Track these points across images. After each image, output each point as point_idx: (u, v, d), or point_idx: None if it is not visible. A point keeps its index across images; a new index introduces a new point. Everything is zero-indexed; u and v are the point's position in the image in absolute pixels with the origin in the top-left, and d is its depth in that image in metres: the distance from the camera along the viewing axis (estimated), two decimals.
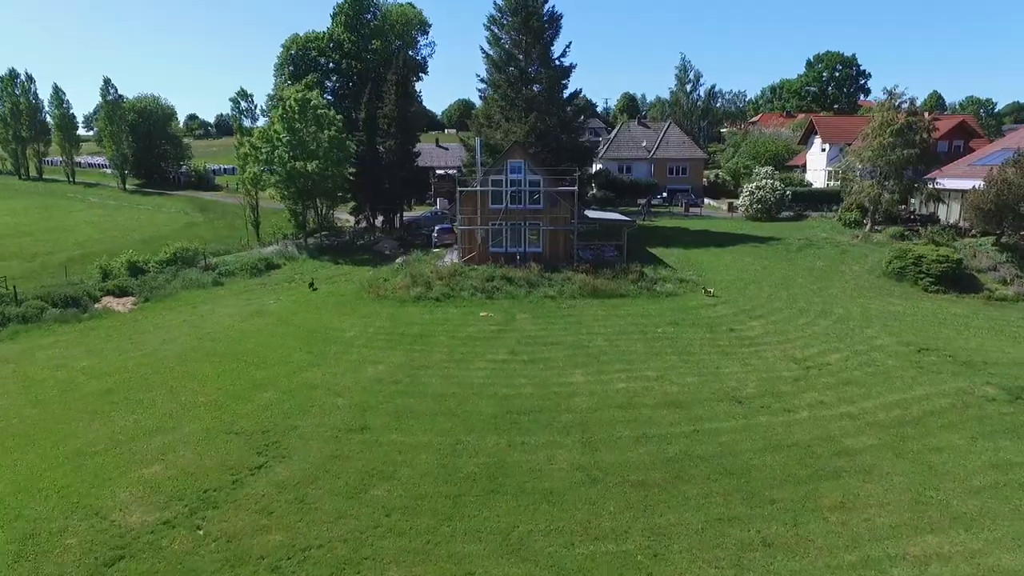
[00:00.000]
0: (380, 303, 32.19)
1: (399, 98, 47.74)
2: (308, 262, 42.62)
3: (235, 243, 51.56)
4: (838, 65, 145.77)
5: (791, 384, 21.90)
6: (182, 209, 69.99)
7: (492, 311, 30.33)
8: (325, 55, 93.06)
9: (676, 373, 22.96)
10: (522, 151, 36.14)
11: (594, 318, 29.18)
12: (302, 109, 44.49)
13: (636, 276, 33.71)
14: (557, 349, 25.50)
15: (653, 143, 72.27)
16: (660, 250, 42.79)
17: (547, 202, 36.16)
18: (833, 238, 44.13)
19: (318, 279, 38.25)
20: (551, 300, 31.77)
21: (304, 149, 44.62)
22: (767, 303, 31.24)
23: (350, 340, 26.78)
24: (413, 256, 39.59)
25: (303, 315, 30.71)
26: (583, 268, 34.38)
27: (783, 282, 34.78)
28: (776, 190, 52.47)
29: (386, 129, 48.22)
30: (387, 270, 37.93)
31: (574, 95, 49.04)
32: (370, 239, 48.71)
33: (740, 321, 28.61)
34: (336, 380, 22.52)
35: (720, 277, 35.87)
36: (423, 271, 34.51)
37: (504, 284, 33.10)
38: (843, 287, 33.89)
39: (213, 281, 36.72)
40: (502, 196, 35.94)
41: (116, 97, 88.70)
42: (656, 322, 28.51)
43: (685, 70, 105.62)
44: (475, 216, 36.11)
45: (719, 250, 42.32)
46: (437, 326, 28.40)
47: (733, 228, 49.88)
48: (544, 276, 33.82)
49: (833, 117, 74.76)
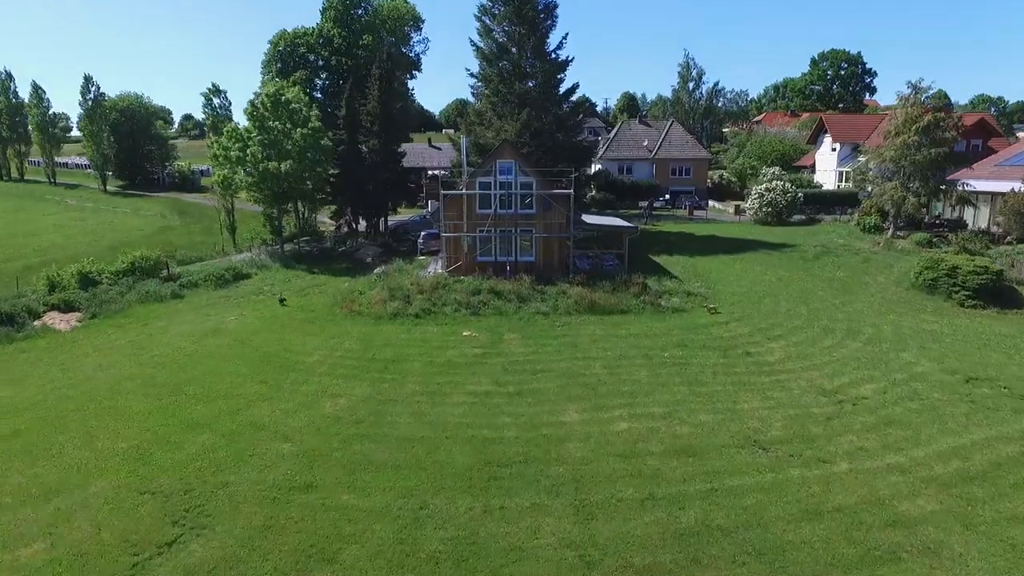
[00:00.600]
0: (353, 320, 28.82)
1: (382, 94, 44.37)
2: (281, 271, 39.24)
3: (209, 249, 48.24)
4: (843, 63, 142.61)
5: (823, 424, 18.53)
6: (160, 212, 66.63)
7: (477, 330, 26.96)
8: (314, 52, 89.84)
9: (687, 409, 19.60)
10: (512, 150, 32.78)
11: (591, 339, 25.80)
12: (275, 105, 41.11)
13: (638, 289, 30.33)
14: (548, 378, 22.13)
15: (655, 143, 68.91)
16: (664, 258, 39.40)
17: (540, 207, 32.81)
18: (852, 244, 40.72)
19: (290, 291, 34.89)
20: (543, 317, 28.39)
21: (278, 148, 41.25)
22: (786, 320, 27.85)
23: (312, 366, 23.40)
24: (393, 266, 36.23)
25: (264, 335, 27.33)
26: (579, 280, 31.00)
27: (802, 295, 31.38)
28: (787, 192, 49.11)
29: (369, 127, 44.84)
30: (364, 281, 34.54)
31: (571, 90, 45.65)
32: (352, 245, 45.33)
33: (757, 343, 25.23)
34: (287, 419, 19.14)
35: (731, 289, 32.49)
36: (402, 283, 31.13)
37: (492, 298, 29.72)
38: (869, 301, 30.49)
39: (172, 293, 33.35)
40: (490, 200, 32.59)
41: (97, 95, 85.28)
42: (662, 344, 25.13)
43: (688, 67, 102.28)
44: (461, 222, 32.75)
45: (728, 258, 38.92)
46: (413, 349, 25.02)
47: (742, 233, 46.49)
48: (536, 289, 30.44)
49: (844, 115, 71.54)
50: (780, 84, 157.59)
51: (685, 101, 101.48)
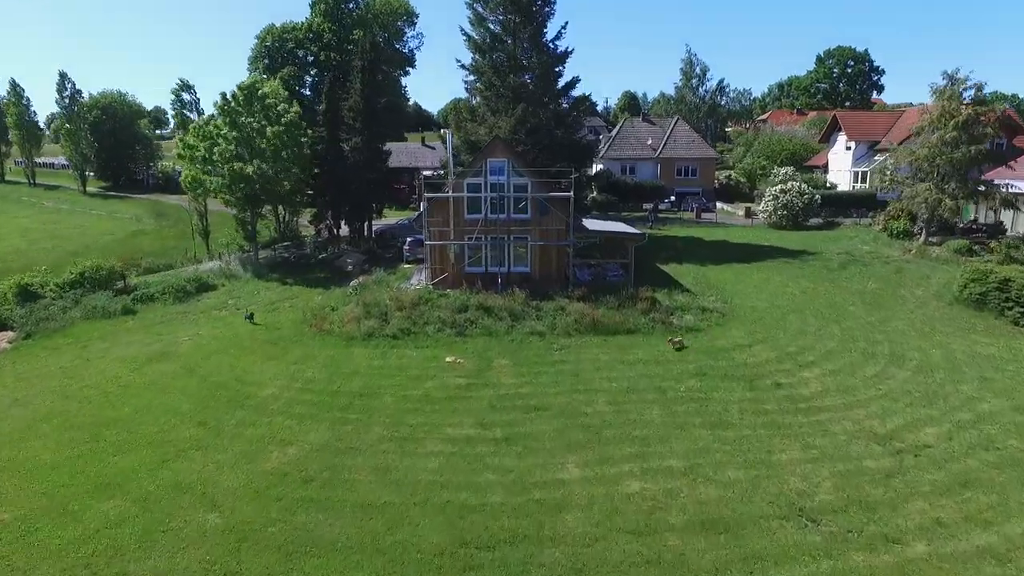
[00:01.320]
0: (322, 341, 25.22)
1: (365, 88, 40.79)
2: (251, 282, 35.65)
3: (180, 256, 44.68)
4: (850, 61, 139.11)
5: (882, 484, 14.96)
6: (136, 215, 63.03)
7: (462, 354, 23.38)
8: (303, 47, 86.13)
9: (711, 461, 16.04)
10: (505, 148, 29.21)
11: (594, 365, 22.21)
12: (248, 100, 37.53)
13: (647, 305, 26.73)
14: (544, 418, 18.54)
15: (659, 141, 65.33)
16: (672, 267, 35.80)
17: (536, 211, 29.24)
18: (879, 252, 37.13)
19: (258, 304, 31.29)
20: (539, 338, 24.78)
21: (250, 147, 37.70)
22: (817, 342, 24.25)
23: (264, 402, 19.81)
24: (373, 276, 32.62)
25: (218, 359, 23.73)
26: (580, 294, 27.41)
27: (831, 311, 27.78)
28: (803, 194, 45.51)
29: (351, 124, 41.27)
30: (340, 294, 30.96)
31: (570, 84, 41.98)
32: (332, 252, 41.76)
33: (787, 371, 21.63)
34: (220, 476, 15.56)
35: (750, 303, 28.90)
36: (379, 299, 27.53)
37: (481, 316, 26.13)
38: (908, 318, 26.89)
39: (124, 309, 29.75)
40: (480, 204, 29.02)
41: (74, 92, 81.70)
42: (676, 372, 21.54)
43: (691, 64, 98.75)
44: (447, 229, 29.17)
45: (744, 267, 35.33)
46: (387, 378, 21.42)
47: (756, 238, 42.89)
48: (531, 305, 26.84)
49: (859, 112, 68.02)
50: (785, 82, 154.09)
51: (689, 99, 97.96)
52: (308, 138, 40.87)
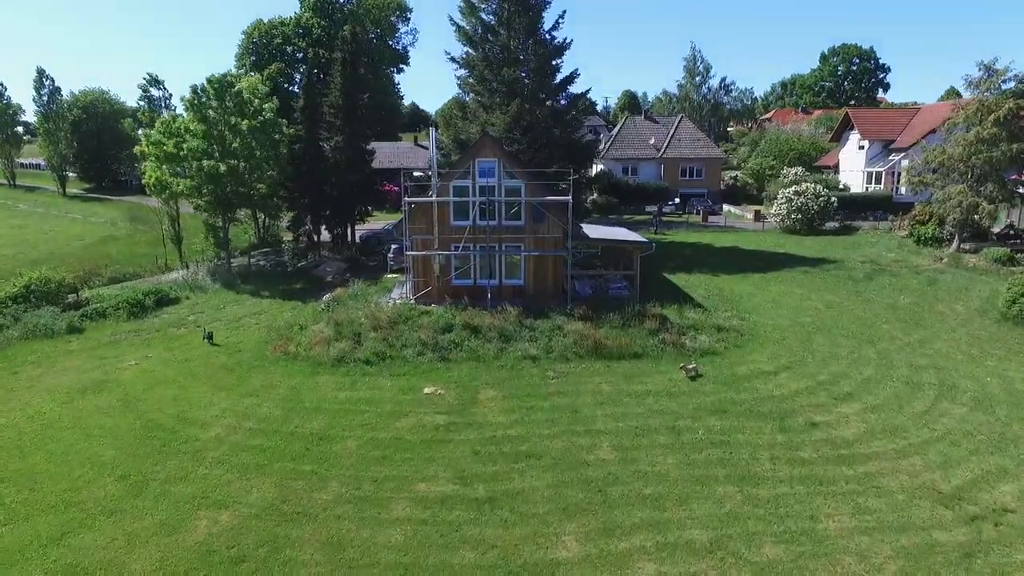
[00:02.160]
0: (285, 367, 22.08)
1: (346, 82, 37.68)
2: (220, 294, 32.50)
3: (150, 264, 41.50)
4: (855, 59, 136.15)
5: (962, 568, 11.85)
6: (113, 218, 59.81)
7: (444, 384, 20.26)
8: (291, 43, 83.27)
9: (743, 533, 12.93)
10: (495, 146, 26.09)
11: (596, 398, 19.10)
12: (219, 94, 34.40)
13: (655, 324, 23.60)
14: (536, 469, 15.44)
15: (662, 141, 62.29)
16: (681, 277, 32.71)
17: (531, 217, 26.12)
18: (906, 260, 34.02)
19: (222, 321, 28.19)
20: (533, 364, 21.66)
21: (221, 144, 34.60)
22: (852, 368, 21.13)
23: (205, 447, 16.68)
24: (350, 289, 29.45)
25: (162, 391, 20.57)
26: (580, 312, 24.27)
27: (863, 330, 24.66)
28: (819, 196, 42.42)
29: (331, 122, 38.15)
30: (311, 310, 27.81)
31: (569, 79, 38.85)
32: (312, 260, 38.64)
33: (822, 405, 18.52)
34: (130, 556, 12.44)
35: (770, 320, 25.80)
36: (353, 316, 24.39)
37: (467, 337, 22.99)
38: (952, 339, 23.78)
39: (69, 327, 26.60)
40: (468, 209, 25.91)
41: (52, 90, 78.54)
42: (692, 408, 18.42)
43: (695, 60, 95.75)
44: (431, 237, 26.05)
45: (759, 277, 32.22)
46: (354, 415, 18.30)
47: (769, 244, 39.81)
48: (524, 324, 23.71)
49: (873, 110, 64.97)
50: (788, 81, 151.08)
51: (692, 97, 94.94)
52: (284, 136, 37.79)
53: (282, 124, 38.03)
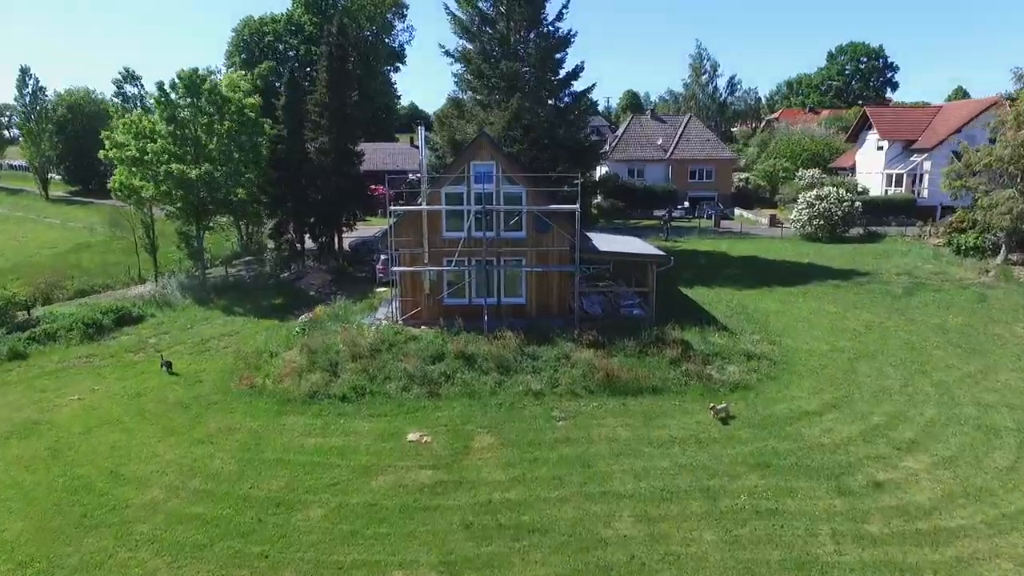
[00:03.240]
0: (248, 405, 19.05)
1: (333, 79, 34.68)
2: (190, 310, 29.47)
3: (123, 275, 38.45)
4: (863, 57, 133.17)
5: None
6: (92, 224, 56.77)
7: (432, 428, 17.25)
8: (283, 40, 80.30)
9: None
10: (492, 148, 23.08)
11: (612, 449, 16.07)
12: (191, 90, 31.39)
13: (677, 351, 20.53)
14: (542, 550, 12.42)
15: (670, 141, 59.32)
16: (699, 291, 29.69)
17: (533, 228, 23.10)
18: (947, 272, 30.96)
19: (188, 344, 25.18)
20: (536, 401, 18.63)
21: (195, 147, 31.61)
22: (909, 407, 18.07)
23: (134, 518, 13.64)
24: (332, 306, 26.39)
25: (100, 436, 17.54)
26: (590, 337, 21.21)
27: (913, 357, 21.60)
28: (843, 200, 39.38)
29: (317, 121, 35.16)
30: (286, 333, 24.76)
31: (574, 73, 35.78)
32: (295, 271, 35.63)
33: (883, 458, 15.47)
34: None
35: (805, 344, 22.74)
36: (330, 343, 21.34)
37: (460, 368, 19.96)
38: (1019, 368, 20.70)
39: (11, 352, 23.51)
40: (463, 219, 22.88)
41: (36, 89, 75.58)
42: (728, 461, 15.38)
43: (701, 59, 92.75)
44: (420, 251, 23.02)
45: (785, 291, 29.18)
46: (322, 471, 15.28)
47: (791, 253, 36.75)
48: (526, 352, 20.66)
49: (893, 108, 61.97)
50: (793, 80, 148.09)
51: (699, 96, 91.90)
52: (266, 136, 34.75)
53: (265, 124, 35.00)
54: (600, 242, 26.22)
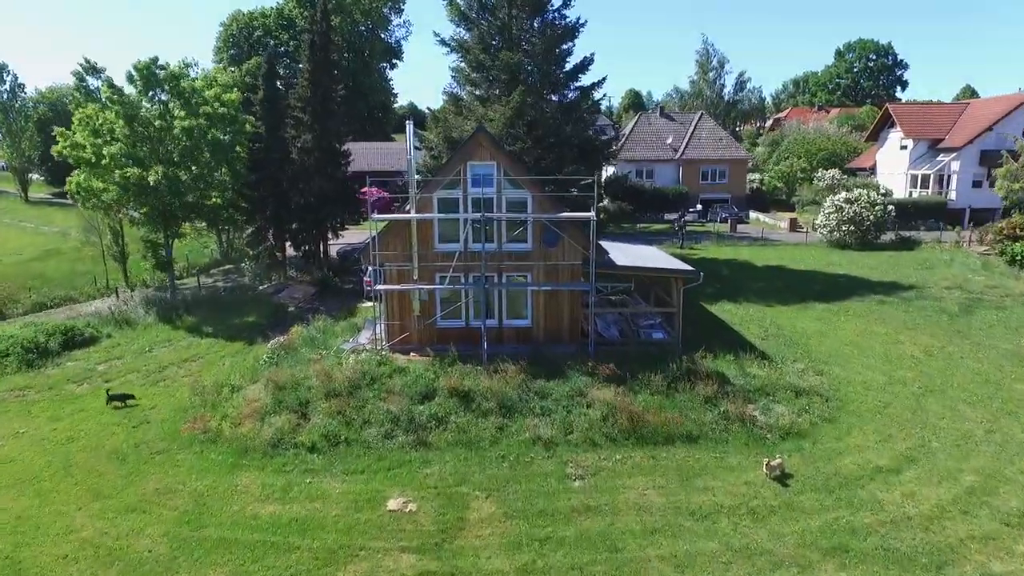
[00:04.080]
0: (198, 455, 15.75)
1: (316, 69, 31.36)
2: (151, 330, 26.13)
3: (89, 286, 35.09)
4: (872, 55, 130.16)
5: None
6: (67, 229, 53.48)
7: (419, 490, 13.95)
8: (273, 35, 76.94)
9: None
10: (492, 145, 19.77)
11: (644, 524, 12.75)
12: (148, 83, 28.10)
13: (712, 387, 17.22)
14: None
15: (681, 140, 56.03)
16: (726, 308, 26.40)
17: (541, 239, 19.78)
18: (1004, 286, 27.63)
19: (143, 372, 21.86)
20: (546, 452, 15.32)
21: (161, 147, 28.33)
22: (1001, 459, 14.75)
23: None
24: (309, 328, 23.04)
25: (7, 501, 14.18)
26: (607, 369, 17.86)
27: (989, 391, 18.29)
28: (875, 204, 36.09)
29: (299, 117, 31.85)
30: (253, 360, 21.40)
31: (582, 66, 32.46)
32: (275, 283, 32.32)
33: (988, 535, 12.17)
34: None
35: (858, 375, 19.44)
36: (301, 376, 18.02)
37: (454, 409, 16.66)
38: None
39: None
40: (458, 229, 19.58)
41: (14, 86, 72.29)
42: (793, 543, 12.07)
43: (708, 55, 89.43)
44: (409, 266, 19.73)
45: (824, 308, 25.87)
46: (275, 556, 11.96)
47: (821, 262, 33.44)
48: (532, 388, 17.36)
49: (917, 105, 58.70)
50: (800, 78, 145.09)
51: (706, 93, 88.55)
52: (245, 134, 31.45)
53: (244, 121, 31.67)
54: (615, 253, 22.86)
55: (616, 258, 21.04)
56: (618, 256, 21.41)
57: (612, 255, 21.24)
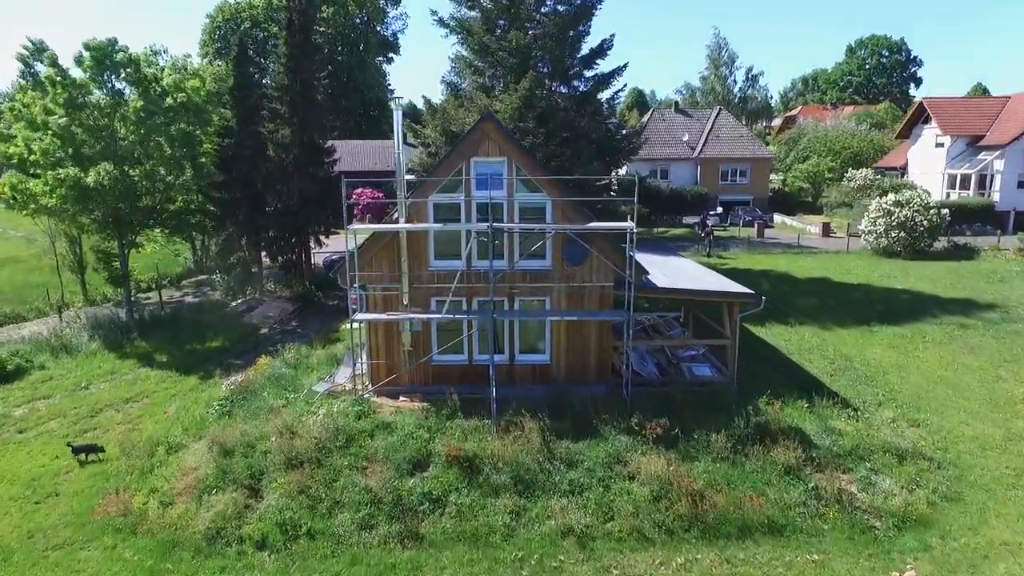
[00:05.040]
0: (110, 552, 11.68)
1: (294, 52, 27.28)
2: (94, 358, 22.00)
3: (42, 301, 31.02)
4: (884, 51, 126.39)
5: None
6: (32, 235, 49.39)
7: None
8: (261, 27, 72.82)
9: None
10: (503, 136, 15.70)
11: None
12: (101, 65, 24.05)
13: (793, 452, 13.10)
14: None
15: (698, 138, 52.00)
16: (775, 330, 22.28)
17: (563, 255, 15.70)
18: None
19: (71, 417, 17.78)
20: (580, 549, 11.24)
21: (109, 142, 24.27)
22: None
23: None
24: (280, 356, 18.93)
25: None
26: (653, 429, 13.68)
27: None
28: (928, 208, 32.04)
29: (275, 108, 27.77)
30: (203, 407, 17.28)
31: (599, 50, 28.37)
32: (250, 298, 28.24)
33: None
34: None
35: (966, 427, 15.37)
36: (255, 436, 13.91)
37: (455, 484, 12.58)
38: None
39: None
40: (459, 242, 15.54)
41: None
42: None
43: (719, 48, 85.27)
44: (394, 287, 15.68)
45: (893, 332, 21.76)
46: None
47: (872, 274, 29.37)
48: (556, 452, 13.26)
49: (954, 99, 54.56)
50: (810, 76, 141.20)
51: (717, 89, 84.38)
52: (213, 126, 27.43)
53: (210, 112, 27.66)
54: (652, 271, 18.66)
55: (655, 278, 16.90)
56: (657, 275, 17.27)
57: (650, 272, 17.08)
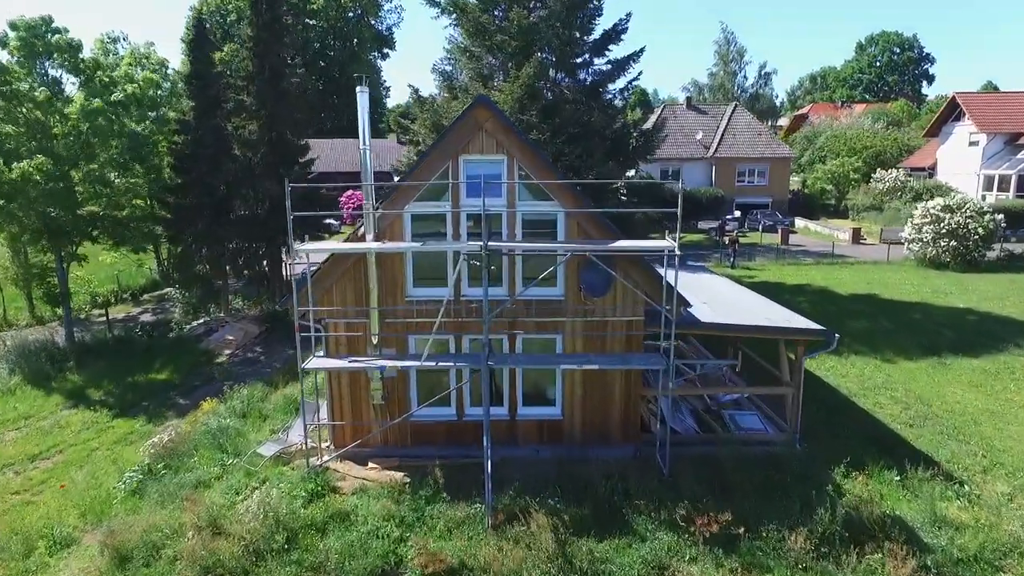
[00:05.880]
0: None
1: (261, 33, 23.71)
2: (16, 395, 18.35)
3: None
4: (895, 48, 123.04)
5: None
6: None
7: None
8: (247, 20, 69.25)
9: None
10: (501, 127, 12.11)
11: None
12: (30, 48, 20.48)
13: (900, 560, 9.48)
14: None
15: (712, 136, 48.42)
16: (827, 362, 18.62)
17: (580, 282, 12.06)
18: None
19: None
20: None
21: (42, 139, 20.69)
22: None
23: None
24: (228, 399, 15.30)
25: None
26: (707, 525, 10.06)
27: None
28: (983, 213, 28.41)
29: (240, 100, 24.16)
30: (116, 476, 13.65)
31: (610, 35, 24.73)
32: (210, 320, 24.62)
33: None
34: None
35: None
36: (169, 532, 10.29)
37: None
38: None
39: None
40: (444, 265, 11.94)
41: None
42: None
43: (728, 44, 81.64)
44: (362, 324, 12.07)
45: (972, 365, 18.11)
46: None
47: (923, 289, 25.74)
48: (573, 558, 9.63)
49: (989, 94, 50.97)
50: (818, 74, 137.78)
51: (727, 86, 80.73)
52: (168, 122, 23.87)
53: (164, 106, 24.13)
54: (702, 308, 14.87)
55: (697, 308, 13.18)
56: (695, 302, 13.55)
57: (692, 305, 13.38)
